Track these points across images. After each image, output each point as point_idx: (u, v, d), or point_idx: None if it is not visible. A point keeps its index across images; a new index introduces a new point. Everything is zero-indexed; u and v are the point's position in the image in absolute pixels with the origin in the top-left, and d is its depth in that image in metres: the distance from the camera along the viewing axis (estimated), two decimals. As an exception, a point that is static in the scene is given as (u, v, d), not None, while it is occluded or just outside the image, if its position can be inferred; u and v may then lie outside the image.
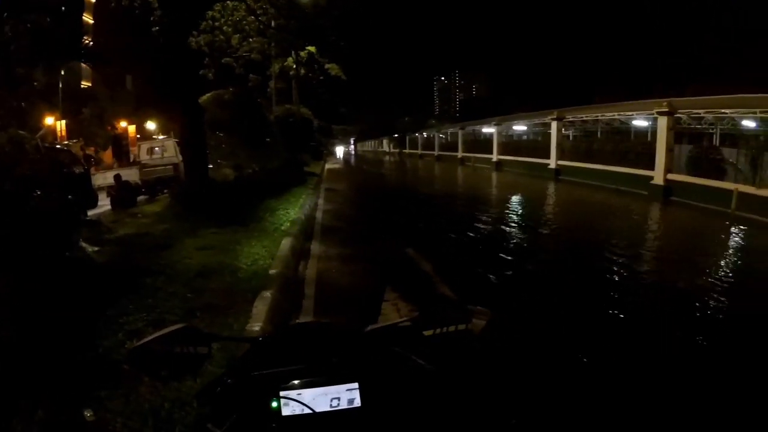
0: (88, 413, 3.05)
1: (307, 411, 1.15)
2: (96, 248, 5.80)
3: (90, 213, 11.21)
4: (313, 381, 1.17)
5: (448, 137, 51.64)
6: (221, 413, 1.17)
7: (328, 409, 1.16)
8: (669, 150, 18.65)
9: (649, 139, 21.60)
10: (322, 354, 1.25)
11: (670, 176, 18.37)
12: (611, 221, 14.09)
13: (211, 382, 1.22)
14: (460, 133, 45.27)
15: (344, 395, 1.17)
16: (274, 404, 1.15)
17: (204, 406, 1.23)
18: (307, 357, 1.24)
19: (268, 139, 19.76)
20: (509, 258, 9.26)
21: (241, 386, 1.19)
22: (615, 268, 8.43)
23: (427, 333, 1.31)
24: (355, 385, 1.17)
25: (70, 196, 8.46)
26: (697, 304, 6.56)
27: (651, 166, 19.36)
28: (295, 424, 1.15)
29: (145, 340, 1.19)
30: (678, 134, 19.34)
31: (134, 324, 4.36)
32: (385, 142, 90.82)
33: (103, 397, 3.20)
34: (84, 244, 5.62)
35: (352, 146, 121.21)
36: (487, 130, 39.19)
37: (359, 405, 1.17)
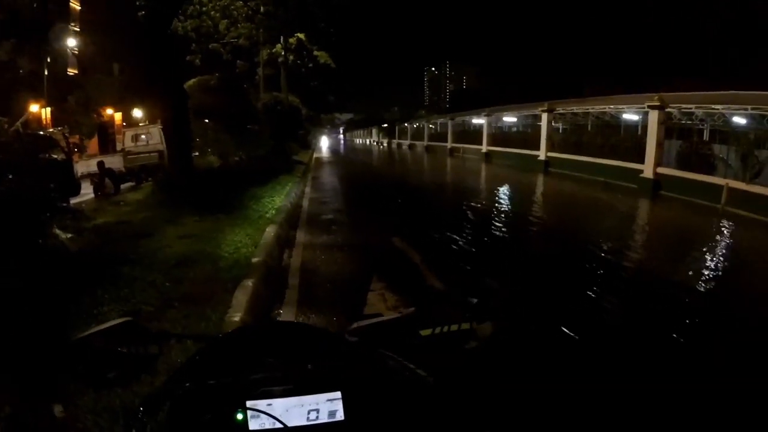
0: (57, 409, 2.92)
1: (278, 426, 0.95)
2: (70, 235, 5.62)
3: (72, 201, 10.99)
4: (286, 390, 0.98)
5: (438, 128, 51.49)
6: (171, 428, 0.98)
7: (304, 423, 0.97)
8: (659, 144, 18.71)
9: (639, 133, 21.68)
10: (296, 358, 1.03)
11: (660, 170, 18.43)
12: (600, 214, 14.08)
13: (156, 392, 1.00)
14: (450, 123, 45.14)
15: (324, 407, 0.98)
16: (240, 417, 0.96)
17: (151, 418, 0.98)
18: (278, 361, 1.02)
19: (255, 127, 19.49)
20: (498, 250, 9.21)
21: (197, 396, 0.98)
22: (603, 264, 8.32)
23: (424, 333, 1.11)
24: (338, 394, 0.99)
25: (51, 184, 8.23)
26: (681, 299, 6.55)
27: (641, 159, 19.41)
28: None
29: (85, 333, 1.00)
30: (668, 130, 19.37)
31: (108, 315, 4.20)
32: (374, 131, 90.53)
33: (73, 391, 3.07)
34: (58, 231, 5.43)
35: (341, 135, 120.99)
36: (477, 121, 39.09)
37: (342, 418, 0.98)
